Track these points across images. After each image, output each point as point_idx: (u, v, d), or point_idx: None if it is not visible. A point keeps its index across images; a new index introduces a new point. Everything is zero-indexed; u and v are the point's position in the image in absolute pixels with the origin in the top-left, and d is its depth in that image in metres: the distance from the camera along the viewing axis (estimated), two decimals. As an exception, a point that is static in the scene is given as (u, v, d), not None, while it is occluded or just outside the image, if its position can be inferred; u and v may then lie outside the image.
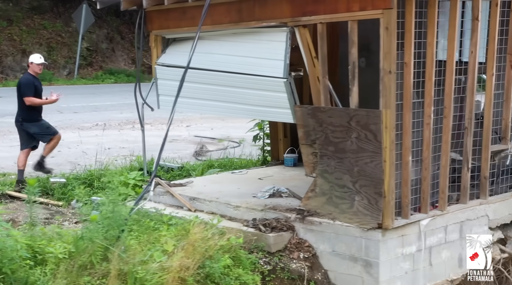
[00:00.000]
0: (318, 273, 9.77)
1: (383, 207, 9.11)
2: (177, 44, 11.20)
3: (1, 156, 15.58)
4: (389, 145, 8.99)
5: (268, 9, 9.93)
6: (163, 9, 11.05)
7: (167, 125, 9.87)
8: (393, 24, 8.77)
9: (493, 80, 10.27)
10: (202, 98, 11.02)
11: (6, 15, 38.91)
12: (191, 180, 12.18)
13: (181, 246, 8.59)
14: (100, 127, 20.97)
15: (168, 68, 11.12)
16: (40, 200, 11.79)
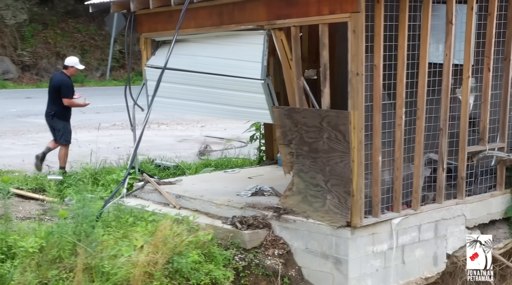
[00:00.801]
0: (292, 270, 9.78)
1: (352, 205, 9.11)
2: (166, 47, 11.30)
3: (12, 154, 15.72)
4: (357, 145, 8.98)
5: (246, 13, 9.98)
6: (152, 12, 11.14)
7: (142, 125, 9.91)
8: (360, 27, 8.77)
9: (469, 82, 10.17)
10: (187, 99, 11.13)
11: (42, 19, 39.36)
12: (180, 179, 12.26)
13: (150, 242, 8.61)
14: (117, 127, 21.13)
15: (158, 69, 11.17)
16: (36, 196, 11.92)
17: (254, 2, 9.79)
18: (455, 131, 10.36)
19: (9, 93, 30.99)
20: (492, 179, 10.98)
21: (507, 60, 10.67)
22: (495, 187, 10.99)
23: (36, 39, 38.35)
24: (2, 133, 19.76)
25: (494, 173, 10.96)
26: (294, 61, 9.57)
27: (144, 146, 15.84)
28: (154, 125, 21.87)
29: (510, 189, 11.04)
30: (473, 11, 10.06)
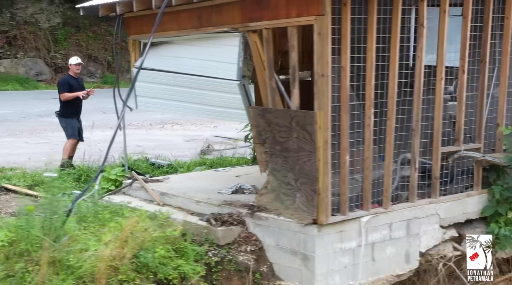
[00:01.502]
0: (264, 266, 9.82)
1: (318, 203, 9.13)
2: (153, 48, 11.37)
3: (22, 152, 15.98)
4: (323, 145, 9.01)
5: (223, 15, 10.05)
6: (138, 15, 11.27)
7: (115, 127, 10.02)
8: (325, 29, 8.79)
9: (442, 84, 10.15)
10: (171, 99, 11.25)
11: (75, 22, 39.88)
12: (167, 177, 12.39)
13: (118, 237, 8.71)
14: (132, 127, 21.36)
15: (145, 70, 11.28)
16: (30, 192, 12.11)
17: (229, 5, 9.84)
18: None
19: (39, 94, 31.42)
20: (469, 179, 10.85)
21: (483, 63, 10.61)
22: (472, 187, 10.84)
23: (68, 42, 38.87)
24: (19, 132, 20.07)
25: (471, 173, 10.84)
26: (266, 62, 9.62)
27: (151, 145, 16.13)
28: (168, 125, 22.08)
29: (487, 189, 10.85)
30: (446, 14, 9.98)
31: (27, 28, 39.54)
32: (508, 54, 10.85)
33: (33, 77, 38.07)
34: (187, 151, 16.67)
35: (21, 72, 38.17)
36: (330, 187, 9.17)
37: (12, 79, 36.88)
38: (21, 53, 38.65)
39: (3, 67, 38.23)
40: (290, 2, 9.15)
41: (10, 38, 39.05)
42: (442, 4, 10.01)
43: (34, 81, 37.07)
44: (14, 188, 12.32)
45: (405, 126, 10.04)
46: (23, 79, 37.21)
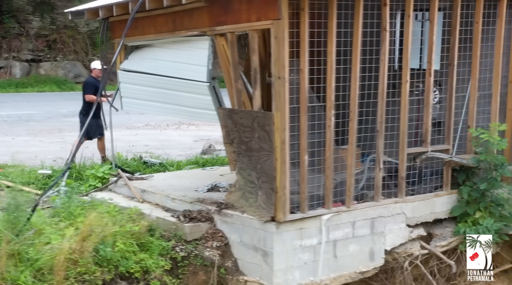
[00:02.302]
0: (229, 261, 9.95)
1: (275, 201, 9.22)
2: (138, 51, 11.61)
3: (33, 150, 16.29)
4: (280, 145, 9.11)
5: (194, 20, 10.21)
6: (122, 19, 11.49)
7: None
8: (281, 33, 8.89)
9: (407, 86, 10.18)
10: (151, 100, 11.45)
11: (112, 27, 40.28)
12: (152, 175, 12.58)
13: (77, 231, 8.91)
14: (148, 127, 21.65)
15: (129, 73, 11.52)
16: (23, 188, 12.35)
17: (199, 10, 10.01)
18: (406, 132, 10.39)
19: (72, 95, 31.86)
20: (439, 179, 10.87)
21: (451, 66, 10.61)
22: (442, 188, 10.85)
23: (106, 45, 39.21)
24: (38, 131, 20.44)
25: (441, 174, 10.85)
26: (231, 65, 9.74)
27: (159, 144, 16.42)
28: (184, 126, 22.32)
29: (457, 190, 10.85)
30: (410, 18, 10.02)
31: (66, 32, 40.21)
32: (477, 58, 10.82)
33: (71, 79, 38.74)
34: (189, 150, 16.85)
35: (60, 74, 38.87)
36: (288, 185, 9.25)
37: (50, 81, 37.54)
38: (60, 56, 39.35)
39: (43, 69, 38.93)
40: (250, 7, 9.26)
41: (50, 42, 39.78)
42: (407, 9, 10.04)
43: (72, 83, 37.72)
44: (10, 184, 12.56)
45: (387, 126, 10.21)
46: (61, 81, 37.87)
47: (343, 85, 9.79)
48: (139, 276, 9.32)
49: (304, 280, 9.66)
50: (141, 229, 9.68)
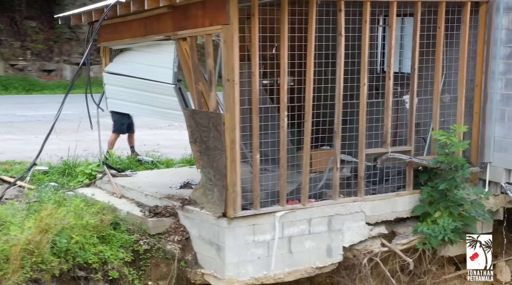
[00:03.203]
0: (189, 255, 10.18)
1: (226, 198, 9.41)
2: (122, 55, 11.93)
3: (47, 148, 16.46)
4: (230, 144, 9.31)
5: (161, 24, 10.46)
6: (106, 24, 11.77)
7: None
8: (230, 38, 9.10)
9: (365, 89, 10.29)
10: (130, 101, 11.78)
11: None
12: (135, 172, 12.85)
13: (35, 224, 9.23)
14: (171, 128, 21.97)
15: (112, 75, 11.83)
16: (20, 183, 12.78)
17: (165, 15, 10.25)
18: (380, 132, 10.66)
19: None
20: (402, 180, 10.93)
21: (413, 70, 10.67)
22: (405, 188, 10.92)
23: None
24: (63, 130, 20.82)
25: (404, 174, 10.92)
26: (192, 68, 9.96)
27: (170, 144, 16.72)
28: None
29: (419, 190, 10.89)
30: (367, 23, 10.12)
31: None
32: (440, 62, 10.86)
33: (116, 81, 39.39)
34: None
35: (108, 76, 39.56)
36: (238, 183, 9.44)
37: (98, 83, 38.04)
38: (107, 59, 40.05)
39: (93, 72, 39.40)
40: (205, 12, 9.48)
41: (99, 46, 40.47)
42: (364, 14, 10.12)
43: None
44: (8, 179, 12.99)
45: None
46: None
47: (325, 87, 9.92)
48: (97, 267, 9.56)
49: (257, 274, 9.79)
50: (104, 223, 9.88)
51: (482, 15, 11.03)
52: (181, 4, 9.83)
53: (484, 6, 10.98)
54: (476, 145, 11.26)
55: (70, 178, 12.84)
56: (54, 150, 15.33)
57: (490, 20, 10.94)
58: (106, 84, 12.10)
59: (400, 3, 10.52)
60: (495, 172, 11.09)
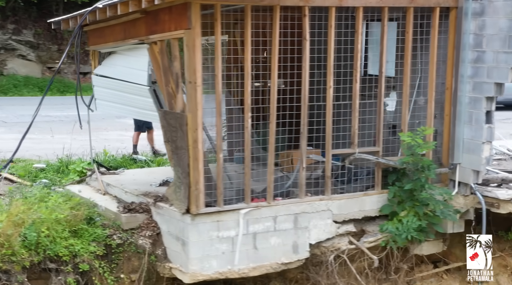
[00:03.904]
0: (159, 249, 10.39)
1: (189, 195, 9.60)
2: (108, 58, 12.17)
3: (59, 146, 16.73)
4: (192, 144, 9.50)
5: (136, 29, 10.69)
6: (93, 28, 12.06)
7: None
8: (192, 42, 9.29)
9: (331, 92, 10.40)
10: (115, 102, 12.02)
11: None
12: (123, 170, 13.07)
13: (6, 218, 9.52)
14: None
15: (99, 77, 12.10)
16: (18, 180, 13.12)
17: (139, 21, 10.48)
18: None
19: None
20: (371, 179, 11.01)
21: (380, 73, 10.75)
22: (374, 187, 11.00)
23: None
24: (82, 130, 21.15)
25: (373, 174, 11.00)
26: (161, 70, 10.15)
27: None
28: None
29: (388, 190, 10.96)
30: (332, 28, 10.22)
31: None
32: (408, 65, 10.92)
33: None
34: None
35: (143, 79, 40.05)
36: (201, 181, 9.61)
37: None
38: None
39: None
40: (171, 17, 9.67)
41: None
42: (329, 19, 10.23)
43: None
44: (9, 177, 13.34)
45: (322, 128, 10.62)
46: (141, 85, 38.97)
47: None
48: (68, 259, 9.80)
49: (222, 269, 9.95)
50: (77, 218, 10.12)
51: (452, 20, 11.02)
52: (152, 10, 10.03)
53: (454, 11, 10.97)
54: (447, 146, 11.26)
55: (63, 176, 13.04)
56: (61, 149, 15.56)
57: (459, 25, 10.91)
58: (94, 86, 12.34)
59: (367, 8, 10.53)
60: (464, 173, 11.08)
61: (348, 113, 10.94)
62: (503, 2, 10.33)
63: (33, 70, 35.95)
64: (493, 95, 10.59)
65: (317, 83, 10.71)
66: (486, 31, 10.61)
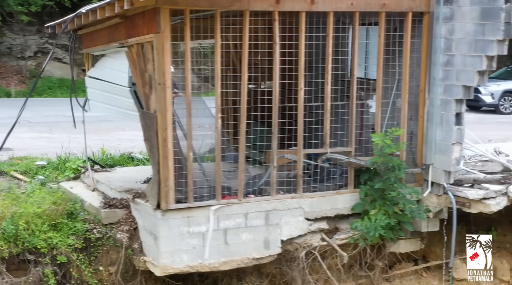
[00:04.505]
0: (136, 243, 10.66)
1: (159, 192, 9.85)
2: (101, 60, 12.48)
3: (70, 146, 17.05)
4: (162, 142, 9.75)
5: (118, 33, 10.97)
6: (85, 32, 12.39)
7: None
8: (160, 45, 9.53)
9: (302, 93, 10.57)
10: (104, 102, 12.31)
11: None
12: (115, 168, 13.36)
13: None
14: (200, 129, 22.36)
15: (91, 79, 12.42)
16: (19, 177, 13.51)
17: (120, 25, 10.75)
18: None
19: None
20: (344, 179, 11.15)
21: (352, 76, 10.87)
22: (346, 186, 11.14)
23: (213, 56, 40.47)
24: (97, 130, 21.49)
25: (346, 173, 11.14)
26: (138, 72, 10.41)
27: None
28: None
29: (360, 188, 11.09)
30: (302, 32, 10.39)
31: (182, 43, 41.89)
32: (381, 69, 11.06)
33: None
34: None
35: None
36: (171, 178, 9.84)
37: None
38: (173, 65, 40.97)
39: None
40: (144, 22, 9.93)
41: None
42: (300, 24, 10.39)
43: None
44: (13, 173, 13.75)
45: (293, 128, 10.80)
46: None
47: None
48: (46, 252, 10.11)
49: (192, 262, 10.16)
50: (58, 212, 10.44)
51: (426, 24, 11.11)
52: (130, 15, 10.29)
53: (427, 16, 11.06)
54: (421, 147, 11.33)
55: (60, 173, 13.39)
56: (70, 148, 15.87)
57: (432, 30, 11.00)
58: (88, 88, 12.64)
59: (338, 13, 10.68)
60: (436, 173, 11.15)
61: (338, 113, 11.03)
62: (469, 7, 10.38)
63: (68, 72, 36.27)
64: (462, 98, 10.62)
65: (308, 85, 10.82)
66: (455, 35, 10.65)
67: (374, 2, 10.76)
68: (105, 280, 10.63)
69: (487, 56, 10.25)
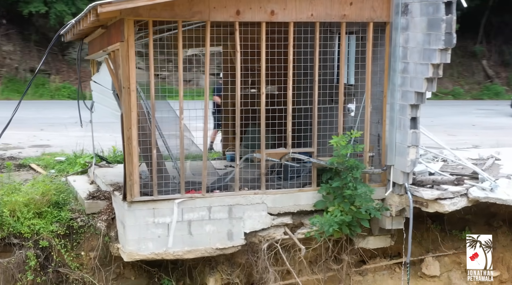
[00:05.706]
0: (113, 231, 11.29)
1: (125, 185, 10.46)
2: (101, 66, 13.20)
3: (80, 142, 17.04)
4: (126, 140, 10.34)
5: (103, 41, 11.63)
6: (89, 40, 13.14)
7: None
8: (125, 53, 10.09)
9: (264, 97, 10.97)
10: (103, 104, 12.98)
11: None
12: (116, 164, 14.02)
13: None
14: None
15: (94, 83, 13.16)
16: (39, 170, 14.38)
17: (104, 34, 11.41)
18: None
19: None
20: (308, 177, 11.48)
21: (314, 82, 11.21)
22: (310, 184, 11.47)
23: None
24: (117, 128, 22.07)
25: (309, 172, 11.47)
26: (115, 77, 11.04)
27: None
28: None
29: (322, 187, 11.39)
30: (263, 41, 10.80)
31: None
32: (343, 75, 11.32)
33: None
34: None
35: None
36: (136, 173, 10.40)
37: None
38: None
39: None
40: (116, 32, 10.54)
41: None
42: (261, 33, 10.79)
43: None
44: (34, 167, 14.64)
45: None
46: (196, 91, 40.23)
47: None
48: (29, 237, 10.83)
49: (157, 250, 10.67)
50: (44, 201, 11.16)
51: (387, 34, 11.31)
52: (109, 25, 10.91)
53: (388, 25, 11.25)
54: (384, 149, 11.55)
55: (71, 167, 14.16)
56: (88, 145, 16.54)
57: (391, 39, 11.22)
58: (92, 91, 13.35)
59: (300, 23, 11.02)
60: (396, 174, 11.33)
61: (309, 116, 11.38)
62: (419, 18, 10.55)
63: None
64: (415, 103, 10.78)
65: (297, 89, 11.46)
66: (409, 44, 10.84)
67: (334, 13, 11.00)
68: (86, 264, 11.26)
69: (432, 64, 10.39)
